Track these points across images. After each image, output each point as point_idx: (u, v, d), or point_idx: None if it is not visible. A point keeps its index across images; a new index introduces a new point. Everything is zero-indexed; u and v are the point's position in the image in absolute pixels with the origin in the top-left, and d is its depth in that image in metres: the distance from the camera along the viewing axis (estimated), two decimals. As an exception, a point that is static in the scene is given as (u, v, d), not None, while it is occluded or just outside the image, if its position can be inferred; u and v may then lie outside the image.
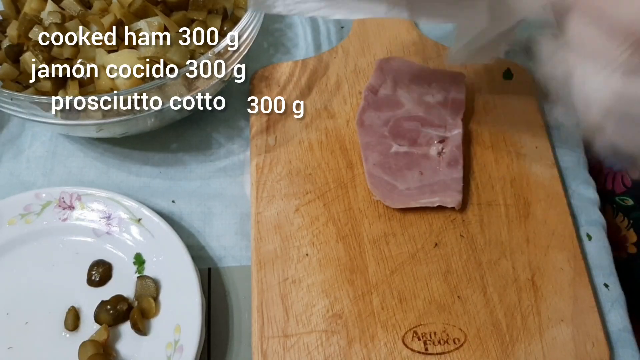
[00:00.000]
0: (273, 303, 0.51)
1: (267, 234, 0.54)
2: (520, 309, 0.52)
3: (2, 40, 0.57)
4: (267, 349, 0.49)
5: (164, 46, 0.54)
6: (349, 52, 0.66)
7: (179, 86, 0.52)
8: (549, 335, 0.51)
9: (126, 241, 0.53)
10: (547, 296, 0.52)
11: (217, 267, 0.55)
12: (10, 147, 0.61)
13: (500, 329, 0.50)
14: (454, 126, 0.58)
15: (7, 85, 0.54)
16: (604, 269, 0.55)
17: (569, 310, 0.52)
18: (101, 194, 0.54)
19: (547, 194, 0.57)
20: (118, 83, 0.52)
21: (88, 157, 0.61)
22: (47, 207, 0.54)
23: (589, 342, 0.50)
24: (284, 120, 0.61)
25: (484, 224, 0.56)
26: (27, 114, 0.51)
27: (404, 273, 0.53)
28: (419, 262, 0.53)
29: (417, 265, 0.53)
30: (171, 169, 0.60)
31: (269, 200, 0.56)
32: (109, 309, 0.50)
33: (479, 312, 0.51)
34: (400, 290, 0.52)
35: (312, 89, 0.63)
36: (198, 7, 0.58)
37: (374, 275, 0.52)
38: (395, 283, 0.52)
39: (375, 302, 0.51)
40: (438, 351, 0.49)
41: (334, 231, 0.55)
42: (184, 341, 0.48)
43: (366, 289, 0.52)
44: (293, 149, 0.59)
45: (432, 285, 0.52)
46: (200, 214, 0.58)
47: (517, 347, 0.50)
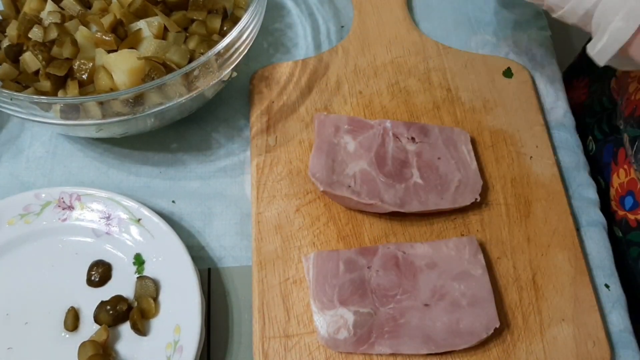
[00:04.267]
0: (274, 303, 0.51)
1: (268, 234, 0.54)
2: (521, 308, 0.52)
3: (2, 40, 0.57)
4: (269, 349, 0.49)
5: (164, 46, 0.54)
6: (349, 52, 0.66)
7: (179, 86, 0.51)
8: (550, 335, 0.50)
9: (126, 241, 0.53)
10: (548, 296, 0.52)
11: (217, 267, 0.55)
12: (10, 147, 0.61)
13: (502, 328, 0.50)
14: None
15: (6, 85, 0.54)
16: (604, 270, 0.55)
17: (570, 309, 0.52)
18: (101, 194, 0.54)
19: (547, 193, 0.57)
20: (118, 83, 0.52)
21: (88, 157, 0.61)
22: (47, 207, 0.54)
23: (590, 341, 0.50)
24: (284, 120, 0.61)
25: (485, 223, 0.56)
26: (27, 114, 0.51)
27: (405, 273, 0.52)
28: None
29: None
30: (171, 169, 0.60)
31: (270, 201, 0.56)
32: (109, 309, 0.50)
33: (479, 311, 0.51)
34: (401, 290, 0.52)
35: (312, 89, 0.63)
36: (198, 7, 0.58)
37: (374, 275, 0.52)
38: (396, 283, 0.52)
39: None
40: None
41: (334, 231, 0.55)
42: (183, 341, 0.48)
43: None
44: (293, 149, 0.59)
45: (432, 285, 0.52)
46: (200, 214, 0.57)
47: (518, 346, 0.50)
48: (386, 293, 0.50)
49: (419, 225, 0.55)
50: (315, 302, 0.50)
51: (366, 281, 0.50)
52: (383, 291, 0.50)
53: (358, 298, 0.50)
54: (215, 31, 0.57)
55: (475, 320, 0.49)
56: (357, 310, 0.49)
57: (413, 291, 0.50)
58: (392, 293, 0.50)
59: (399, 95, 0.63)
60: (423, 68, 0.65)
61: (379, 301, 0.50)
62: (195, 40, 0.56)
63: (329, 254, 0.52)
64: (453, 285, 0.50)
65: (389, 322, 0.49)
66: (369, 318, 0.49)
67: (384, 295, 0.50)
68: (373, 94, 0.63)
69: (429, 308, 0.50)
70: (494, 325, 0.49)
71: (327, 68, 0.65)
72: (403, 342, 0.48)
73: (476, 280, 0.51)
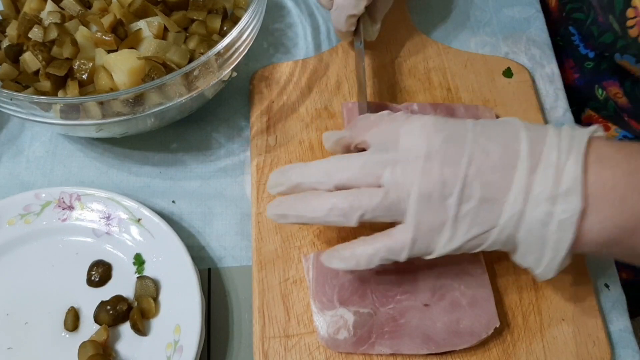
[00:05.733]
0: (274, 303, 0.51)
1: (268, 234, 0.54)
2: (521, 308, 0.52)
3: (2, 40, 0.57)
4: (269, 350, 0.49)
5: (164, 46, 0.54)
6: (349, 52, 0.66)
7: (179, 86, 0.51)
8: (550, 335, 0.50)
9: (126, 241, 0.53)
10: (548, 295, 0.52)
11: (217, 267, 0.55)
12: (10, 147, 0.61)
13: (502, 328, 0.50)
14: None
15: (6, 85, 0.54)
16: (604, 270, 0.55)
17: (570, 309, 0.52)
18: (101, 194, 0.54)
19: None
20: (118, 83, 0.52)
21: (88, 157, 0.61)
22: (47, 207, 0.54)
23: (590, 341, 0.50)
24: (284, 120, 0.61)
25: (485, 223, 0.55)
26: (27, 114, 0.51)
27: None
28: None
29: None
30: (171, 169, 0.60)
31: (270, 201, 0.56)
32: (109, 309, 0.50)
33: (479, 311, 0.51)
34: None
35: (312, 89, 0.63)
36: (198, 7, 0.58)
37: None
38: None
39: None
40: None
41: (334, 231, 0.54)
42: (183, 341, 0.48)
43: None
44: (293, 149, 0.59)
45: (432, 285, 0.52)
46: (200, 214, 0.57)
47: (518, 346, 0.50)
48: (386, 293, 0.50)
49: (419, 225, 0.55)
50: (315, 302, 0.50)
51: (366, 281, 0.50)
52: (383, 291, 0.50)
53: (358, 298, 0.50)
54: (215, 31, 0.58)
55: (475, 320, 0.49)
56: (357, 310, 0.49)
57: (413, 291, 0.50)
58: (392, 293, 0.50)
59: (399, 95, 0.63)
60: (423, 68, 0.65)
61: (379, 301, 0.50)
62: (195, 40, 0.56)
63: None
64: (453, 285, 0.50)
65: (389, 322, 0.49)
66: (369, 318, 0.49)
67: (384, 295, 0.50)
68: (373, 94, 0.63)
69: (429, 308, 0.50)
70: (494, 325, 0.49)
71: (327, 68, 0.65)
72: (403, 342, 0.48)
73: (476, 280, 0.51)
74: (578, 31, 0.70)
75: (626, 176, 0.40)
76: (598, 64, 0.69)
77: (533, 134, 0.43)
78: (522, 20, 0.71)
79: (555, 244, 0.41)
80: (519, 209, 0.41)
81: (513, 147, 0.42)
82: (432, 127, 0.43)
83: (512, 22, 0.71)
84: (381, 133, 0.46)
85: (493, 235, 0.42)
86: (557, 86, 0.66)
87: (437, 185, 0.42)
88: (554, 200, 0.40)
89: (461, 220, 0.42)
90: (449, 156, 0.42)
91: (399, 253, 0.44)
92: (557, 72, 0.67)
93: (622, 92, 0.68)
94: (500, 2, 0.72)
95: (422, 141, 0.43)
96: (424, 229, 0.43)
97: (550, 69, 0.67)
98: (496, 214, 0.42)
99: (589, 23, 0.67)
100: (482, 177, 0.42)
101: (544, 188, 0.40)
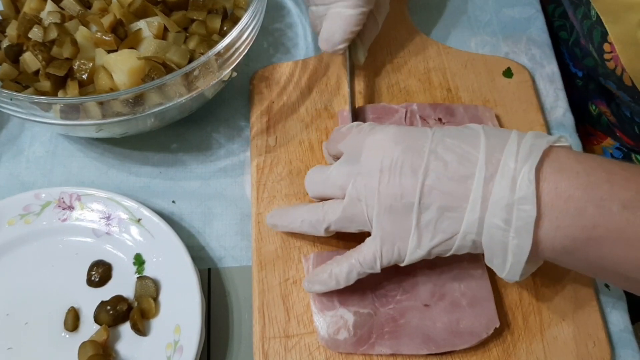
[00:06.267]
0: (274, 303, 0.51)
1: (268, 234, 0.54)
2: (521, 308, 0.52)
3: (2, 40, 0.57)
4: (269, 350, 0.49)
5: (164, 46, 0.54)
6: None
7: (179, 86, 0.51)
8: (550, 335, 0.50)
9: (126, 241, 0.53)
10: (548, 295, 0.52)
11: (217, 267, 0.55)
12: (10, 147, 0.61)
13: (502, 328, 0.50)
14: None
15: (6, 85, 0.54)
16: (604, 269, 0.55)
17: (570, 309, 0.52)
18: (101, 194, 0.54)
19: (547, 194, 0.57)
20: (118, 83, 0.52)
21: (88, 157, 0.61)
22: (47, 207, 0.54)
23: (590, 341, 0.50)
24: (284, 120, 0.61)
25: (485, 223, 0.55)
26: (27, 114, 0.51)
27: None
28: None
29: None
30: (171, 169, 0.60)
31: (270, 201, 0.56)
32: (109, 309, 0.50)
33: (480, 312, 0.51)
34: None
35: (312, 89, 0.63)
36: (198, 7, 0.58)
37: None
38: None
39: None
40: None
41: (334, 231, 0.55)
42: (183, 342, 0.48)
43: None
44: (293, 149, 0.59)
45: (432, 285, 0.52)
46: (200, 214, 0.57)
47: (518, 346, 0.50)
48: (386, 293, 0.50)
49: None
50: (315, 302, 0.50)
51: (366, 282, 0.50)
52: (383, 291, 0.50)
53: (358, 298, 0.50)
54: (215, 31, 0.57)
55: (475, 321, 0.49)
56: (357, 310, 0.49)
57: (413, 291, 0.50)
58: (392, 293, 0.50)
59: (399, 95, 0.63)
60: (423, 68, 0.65)
61: (379, 301, 0.50)
62: (195, 40, 0.56)
63: (329, 254, 0.52)
64: (453, 286, 0.50)
65: (389, 322, 0.49)
66: (369, 318, 0.49)
67: (384, 295, 0.50)
68: (373, 95, 0.63)
69: (429, 308, 0.50)
70: (494, 325, 0.49)
71: (327, 68, 0.65)
72: (403, 342, 0.48)
73: (476, 280, 0.51)
74: (565, 49, 0.70)
75: (584, 188, 0.41)
76: (586, 84, 0.69)
77: (493, 141, 0.43)
78: (523, 20, 0.71)
79: (516, 249, 0.42)
80: (478, 216, 0.42)
81: (471, 156, 0.43)
82: (392, 139, 0.45)
83: (512, 22, 0.71)
84: (349, 145, 0.48)
85: (457, 241, 0.44)
86: (557, 86, 0.66)
87: (397, 197, 0.43)
88: (510, 207, 0.41)
89: (424, 228, 0.44)
90: (407, 167, 0.43)
91: (373, 265, 0.46)
92: (557, 72, 0.67)
93: (610, 112, 0.68)
94: (501, 2, 0.72)
95: (382, 153, 0.44)
96: (389, 239, 0.45)
97: (551, 69, 0.67)
98: (457, 221, 0.43)
99: (572, 44, 0.67)
100: (441, 187, 0.43)
101: (501, 196, 0.41)
